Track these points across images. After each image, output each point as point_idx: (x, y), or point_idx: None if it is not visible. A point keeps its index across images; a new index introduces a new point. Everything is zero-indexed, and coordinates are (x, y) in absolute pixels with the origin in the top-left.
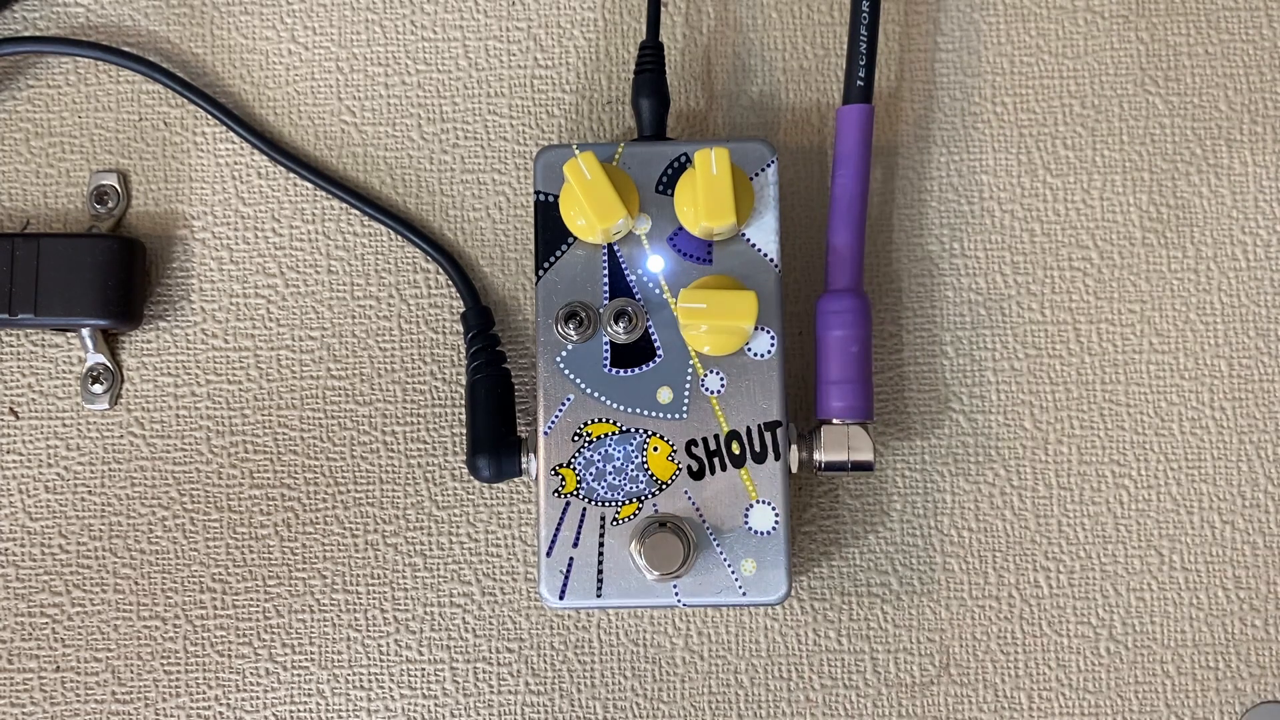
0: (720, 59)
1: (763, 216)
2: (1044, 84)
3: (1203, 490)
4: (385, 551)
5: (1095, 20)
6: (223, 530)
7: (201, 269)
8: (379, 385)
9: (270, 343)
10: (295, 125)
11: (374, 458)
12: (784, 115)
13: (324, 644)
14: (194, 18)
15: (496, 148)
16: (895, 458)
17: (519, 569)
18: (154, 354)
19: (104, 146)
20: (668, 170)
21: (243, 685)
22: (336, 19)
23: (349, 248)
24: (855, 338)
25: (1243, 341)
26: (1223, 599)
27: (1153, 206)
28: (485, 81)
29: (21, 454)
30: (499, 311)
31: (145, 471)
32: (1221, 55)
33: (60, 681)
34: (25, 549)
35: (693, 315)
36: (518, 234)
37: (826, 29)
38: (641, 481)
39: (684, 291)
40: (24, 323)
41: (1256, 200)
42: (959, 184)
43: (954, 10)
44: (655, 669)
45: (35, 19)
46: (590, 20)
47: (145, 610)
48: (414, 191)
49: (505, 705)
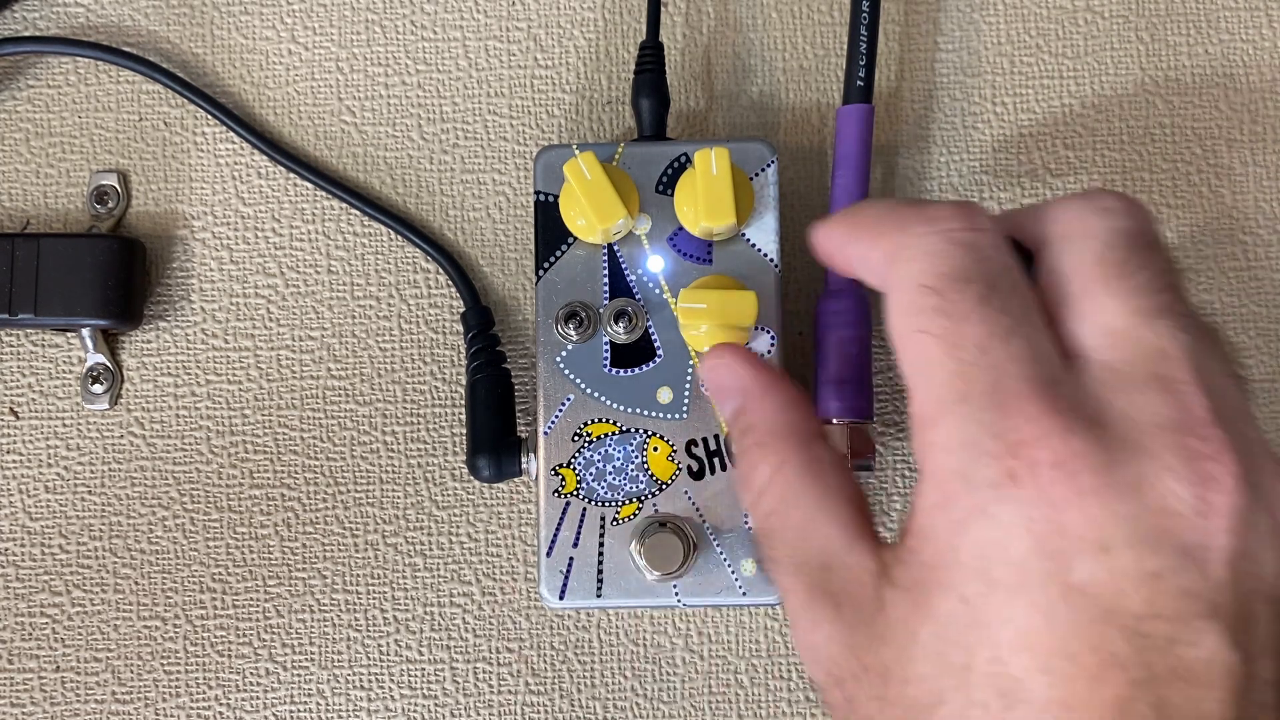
0: (720, 59)
1: (763, 216)
2: (1044, 84)
3: None
4: (385, 551)
5: (1095, 20)
6: (223, 530)
7: (201, 269)
8: (379, 385)
9: (270, 343)
10: (295, 125)
11: (374, 458)
12: (784, 115)
13: (324, 644)
14: (194, 18)
15: (496, 148)
16: (895, 458)
17: (519, 569)
18: (154, 354)
19: (104, 146)
20: (668, 170)
21: (243, 685)
22: (336, 19)
23: (349, 248)
24: (855, 338)
25: (1242, 341)
26: None
27: (1153, 206)
28: (485, 81)
29: (21, 454)
30: (499, 311)
31: (145, 471)
32: (1221, 55)
33: (60, 681)
34: (25, 549)
35: (693, 315)
36: (518, 234)
37: (826, 29)
38: (641, 481)
39: (684, 291)
40: (24, 323)
41: (1256, 200)
42: (959, 184)
43: (954, 10)
44: (655, 669)
45: (35, 19)
46: (590, 20)
47: (145, 610)
48: (414, 191)
49: (505, 705)
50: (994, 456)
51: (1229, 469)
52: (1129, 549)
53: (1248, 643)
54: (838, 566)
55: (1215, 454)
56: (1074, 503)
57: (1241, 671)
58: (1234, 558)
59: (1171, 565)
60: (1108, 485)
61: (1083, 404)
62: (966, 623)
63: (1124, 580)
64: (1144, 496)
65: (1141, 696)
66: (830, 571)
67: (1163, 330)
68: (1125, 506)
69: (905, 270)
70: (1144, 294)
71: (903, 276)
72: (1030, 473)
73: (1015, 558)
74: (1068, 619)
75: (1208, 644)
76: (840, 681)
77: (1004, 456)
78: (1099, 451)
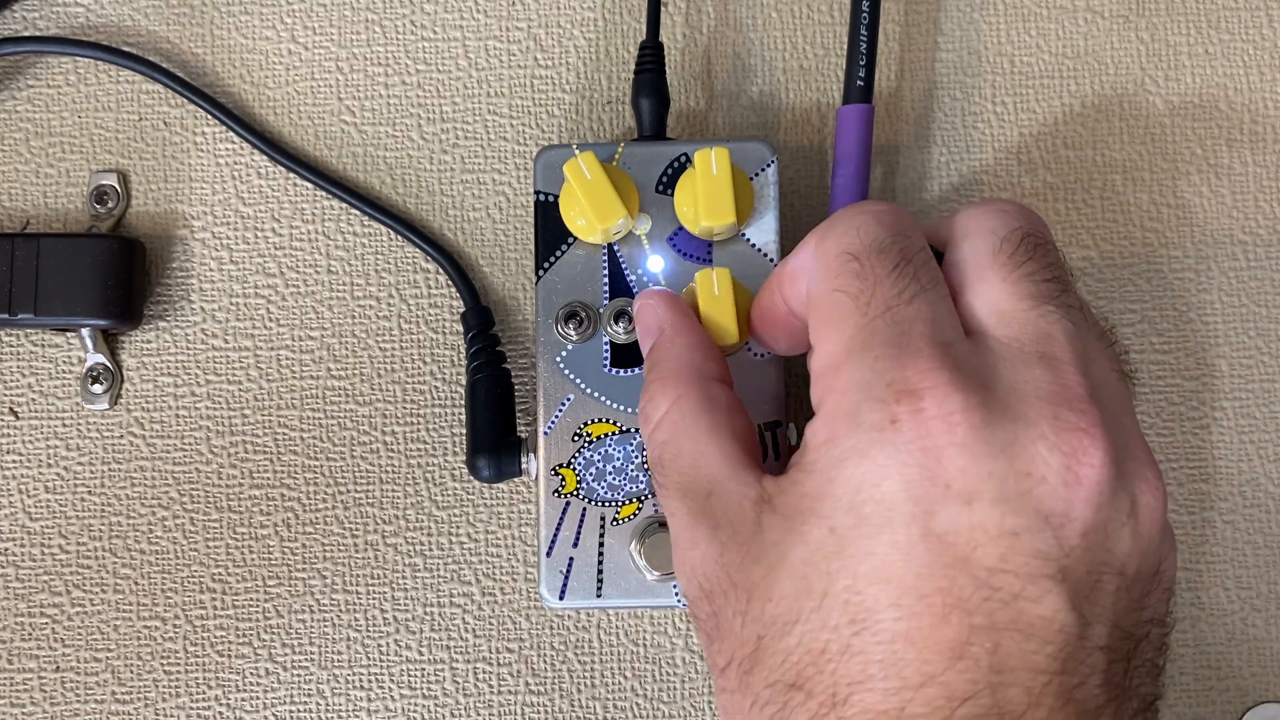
0: (720, 59)
1: (763, 216)
2: (1044, 84)
3: (1203, 490)
4: (385, 551)
5: (1095, 20)
6: (223, 530)
7: (201, 269)
8: (379, 385)
9: (270, 343)
10: (295, 125)
11: (374, 458)
12: (784, 115)
13: (324, 644)
14: (194, 18)
15: (496, 148)
16: None
17: (519, 569)
18: (154, 354)
19: (104, 146)
20: (668, 170)
21: (243, 685)
22: (336, 19)
23: (349, 248)
24: None
25: (1243, 341)
26: (1223, 599)
27: (1153, 206)
28: (485, 81)
29: (21, 454)
30: (499, 311)
31: (145, 471)
32: (1221, 55)
33: (60, 681)
34: (25, 549)
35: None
36: (518, 234)
37: (826, 29)
38: (641, 481)
39: (685, 292)
40: (24, 323)
41: (1256, 200)
42: (959, 184)
43: (954, 10)
44: (655, 669)
45: (35, 19)
46: (590, 20)
47: (145, 610)
48: (414, 191)
49: (505, 705)
50: (882, 401)
51: (1099, 445)
52: (992, 505)
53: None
54: (720, 492)
55: (1087, 428)
56: (948, 454)
57: (1075, 632)
58: (1090, 529)
59: (1029, 526)
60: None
61: (973, 367)
62: (831, 550)
63: (981, 534)
64: (1015, 459)
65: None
66: (713, 497)
67: (1047, 314)
68: (995, 465)
69: (831, 242)
70: (1032, 281)
71: (828, 248)
72: (913, 420)
73: (885, 497)
74: (924, 560)
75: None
76: (709, 595)
77: (891, 402)
78: (979, 410)
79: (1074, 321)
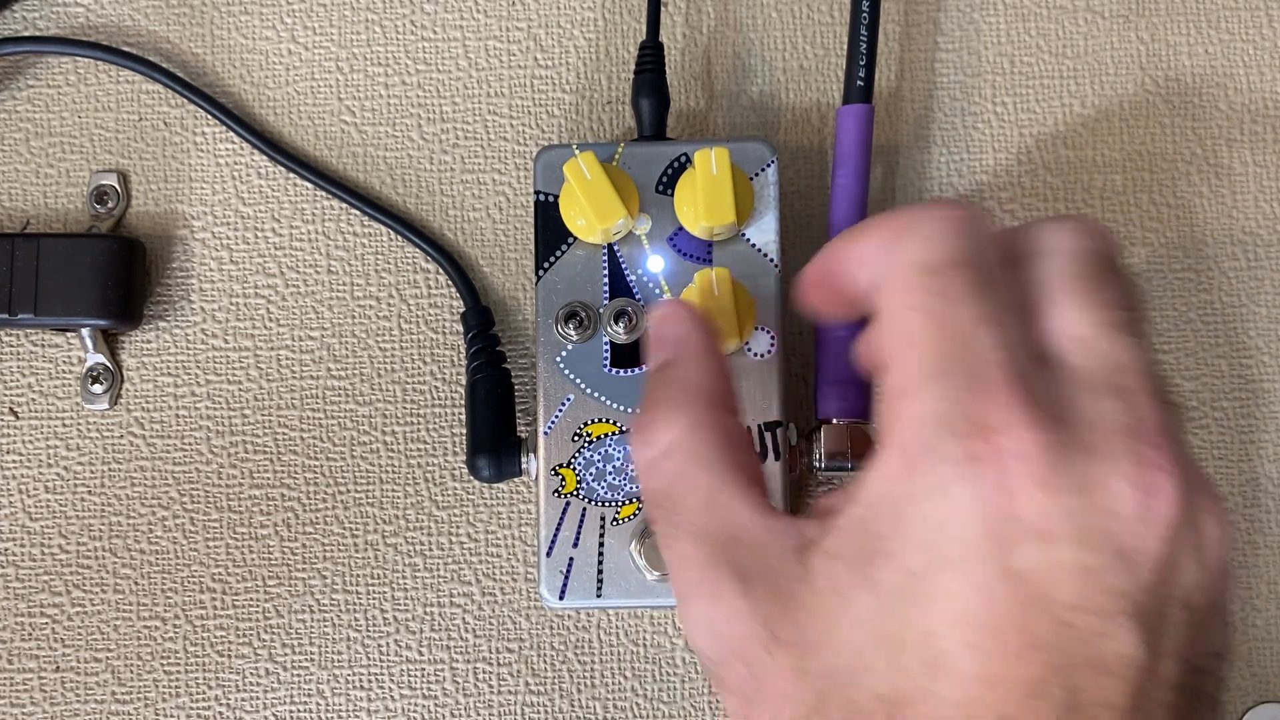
0: (720, 59)
1: (763, 216)
2: (1044, 84)
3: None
4: (385, 551)
5: (1095, 20)
6: (223, 530)
7: (201, 269)
8: (379, 385)
9: (270, 343)
10: (295, 125)
11: (374, 458)
12: (784, 115)
13: (324, 644)
14: (194, 18)
15: (496, 148)
16: None
17: (519, 569)
18: (154, 354)
19: (104, 146)
20: (668, 170)
21: (243, 685)
22: (336, 19)
23: (349, 248)
24: (855, 338)
25: (1243, 341)
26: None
27: (1153, 206)
28: (485, 81)
29: (21, 454)
30: (499, 311)
31: (145, 471)
32: (1221, 55)
33: (60, 681)
34: (25, 549)
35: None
36: (518, 234)
37: (826, 29)
38: None
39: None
40: (24, 323)
41: (1256, 200)
42: (959, 184)
43: (954, 10)
44: (655, 669)
45: (35, 19)
46: (590, 20)
47: (145, 610)
48: (414, 191)
49: (505, 705)
50: (961, 436)
51: (1174, 480)
52: (1070, 543)
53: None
54: (748, 539)
55: (1163, 464)
56: (1027, 492)
57: (1147, 668)
58: (1162, 565)
59: (1106, 563)
60: (1061, 480)
61: (1048, 400)
62: (909, 594)
63: (1060, 571)
64: (1092, 495)
65: (1056, 680)
66: (739, 544)
67: (1123, 344)
68: (1073, 502)
69: (905, 251)
70: (1108, 309)
71: (901, 257)
72: (992, 457)
73: (964, 536)
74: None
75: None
76: (743, 656)
77: (971, 437)
78: (1057, 447)
79: (1145, 351)
